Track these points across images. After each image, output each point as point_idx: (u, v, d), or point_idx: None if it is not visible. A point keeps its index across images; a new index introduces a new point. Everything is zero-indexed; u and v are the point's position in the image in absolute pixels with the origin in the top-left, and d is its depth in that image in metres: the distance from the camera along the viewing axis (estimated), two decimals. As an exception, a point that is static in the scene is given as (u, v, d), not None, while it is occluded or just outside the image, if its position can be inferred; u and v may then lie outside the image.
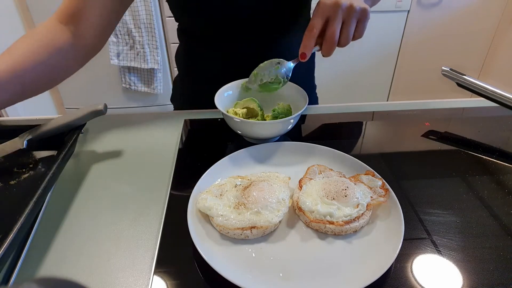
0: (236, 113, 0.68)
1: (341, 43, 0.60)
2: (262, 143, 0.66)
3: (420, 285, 0.44)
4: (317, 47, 0.62)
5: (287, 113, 0.69)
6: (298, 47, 0.61)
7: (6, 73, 0.54)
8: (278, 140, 0.68)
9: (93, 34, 0.65)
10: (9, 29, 1.80)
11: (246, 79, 0.72)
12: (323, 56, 0.62)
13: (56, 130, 0.64)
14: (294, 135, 0.73)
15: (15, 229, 0.43)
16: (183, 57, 0.87)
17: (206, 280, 0.45)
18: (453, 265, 0.47)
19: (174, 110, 0.99)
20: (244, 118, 0.67)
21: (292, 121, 0.65)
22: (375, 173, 0.57)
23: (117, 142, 0.72)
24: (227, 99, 0.71)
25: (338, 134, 0.77)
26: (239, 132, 0.67)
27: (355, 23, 0.59)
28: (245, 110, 0.70)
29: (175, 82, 0.97)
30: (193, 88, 0.90)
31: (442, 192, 0.59)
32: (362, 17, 0.59)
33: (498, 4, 2.08)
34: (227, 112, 0.67)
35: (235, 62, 0.83)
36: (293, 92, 0.71)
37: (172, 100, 1.00)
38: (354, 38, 0.61)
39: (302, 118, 0.80)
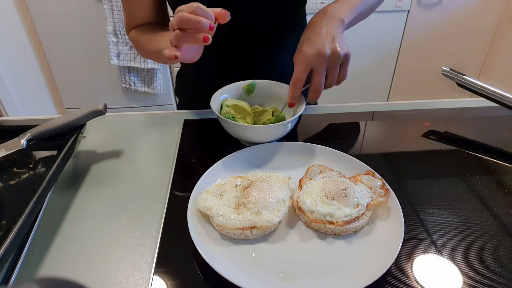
0: (227, 106, 0.68)
1: (327, 87, 0.62)
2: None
3: (420, 285, 0.44)
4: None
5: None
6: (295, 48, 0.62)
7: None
8: (278, 140, 0.68)
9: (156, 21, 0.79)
10: (9, 29, 1.80)
11: (246, 82, 0.72)
12: (309, 101, 0.64)
13: (56, 130, 0.64)
14: (294, 135, 0.73)
15: (15, 229, 0.43)
16: None
17: (206, 280, 0.45)
18: (453, 265, 0.47)
19: (177, 103, 1.01)
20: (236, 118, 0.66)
21: (289, 125, 0.64)
22: (375, 173, 0.57)
23: (117, 142, 0.72)
24: (225, 99, 0.71)
25: (338, 134, 0.77)
26: (235, 136, 0.67)
27: (338, 68, 0.60)
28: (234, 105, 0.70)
29: (178, 75, 0.98)
30: (194, 81, 0.91)
31: (442, 192, 0.59)
32: (344, 61, 0.60)
33: (498, 4, 2.08)
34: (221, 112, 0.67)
35: (232, 61, 0.83)
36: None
37: (175, 94, 1.01)
38: (338, 81, 0.63)
39: (303, 118, 0.80)
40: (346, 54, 0.59)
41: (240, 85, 0.73)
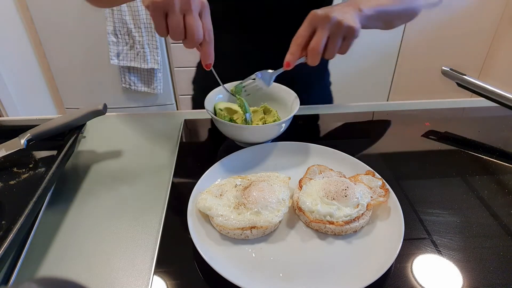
0: (220, 110, 0.68)
1: (326, 56, 0.61)
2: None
3: (420, 285, 0.44)
4: (303, 58, 0.61)
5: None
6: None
7: None
8: (278, 140, 0.68)
9: None
10: (9, 29, 1.80)
11: (234, 83, 0.72)
12: (308, 64, 0.62)
13: (56, 130, 0.64)
14: (294, 135, 0.72)
15: (15, 229, 0.43)
16: None
17: (206, 280, 0.45)
18: (453, 265, 0.47)
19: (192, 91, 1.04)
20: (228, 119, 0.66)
21: (283, 125, 0.64)
22: (375, 173, 0.57)
23: (117, 142, 0.72)
24: (218, 102, 0.70)
25: (338, 134, 0.77)
26: (230, 137, 0.66)
27: (341, 39, 0.60)
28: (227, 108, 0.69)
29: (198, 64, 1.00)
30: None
31: (442, 192, 0.59)
32: (349, 35, 0.59)
33: (498, 4, 2.07)
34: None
35: (250, 49, 0.84)
36: (284, 94, 0.71)
37: (192, 82, 1.03)
38: (340, 53, 0.62)
39: (302, 118, 0.80)
40: (352, 27, 0.58)
41: (228, 87, 0.72)
